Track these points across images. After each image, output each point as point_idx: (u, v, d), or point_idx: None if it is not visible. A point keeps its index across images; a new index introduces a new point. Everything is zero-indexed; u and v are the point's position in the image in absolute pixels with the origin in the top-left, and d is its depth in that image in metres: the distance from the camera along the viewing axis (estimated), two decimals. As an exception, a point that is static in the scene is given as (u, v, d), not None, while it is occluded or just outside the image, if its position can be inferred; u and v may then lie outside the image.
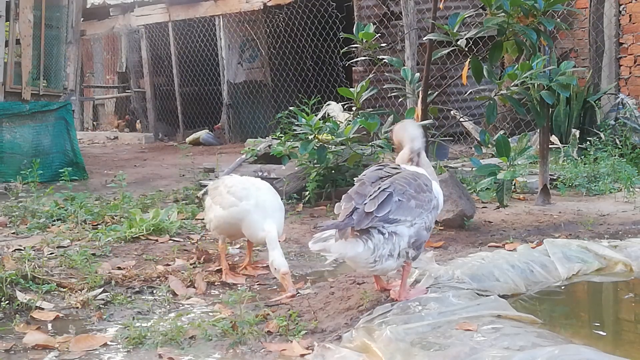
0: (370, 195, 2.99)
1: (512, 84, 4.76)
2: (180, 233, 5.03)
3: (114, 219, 5.37)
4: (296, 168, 6.24)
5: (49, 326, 3.27)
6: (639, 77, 9.05)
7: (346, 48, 5.98)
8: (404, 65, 5.59)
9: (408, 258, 3.08)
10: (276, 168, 6.53)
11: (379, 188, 3.01)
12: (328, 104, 8.59)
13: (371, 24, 5.37)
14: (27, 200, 5.83)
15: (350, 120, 5.85)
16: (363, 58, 6.17)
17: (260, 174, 6.63)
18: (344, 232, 2.93)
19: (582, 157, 7.37)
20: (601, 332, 3.06)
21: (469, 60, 4.84)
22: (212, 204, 4.08)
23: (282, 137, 6.46)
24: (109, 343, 3.03)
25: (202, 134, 13.04)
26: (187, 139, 13.03)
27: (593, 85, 8.79)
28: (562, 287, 3.62)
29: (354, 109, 5.68)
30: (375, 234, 2.97)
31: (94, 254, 4.35)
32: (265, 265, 4.29)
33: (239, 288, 3.67)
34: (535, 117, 5.15)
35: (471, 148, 8.72)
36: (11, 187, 6.98)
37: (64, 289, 3.70)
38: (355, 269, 3.17)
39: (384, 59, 5.29)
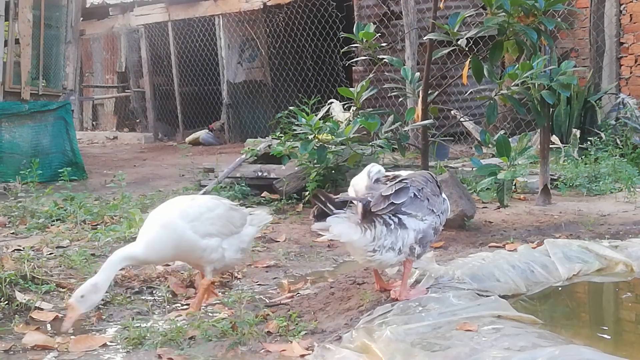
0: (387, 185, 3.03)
1: (513, 83, 4.75)
2: (179, 233, 5.01)
3: (113, 219, 5.36)
4: (296, 168, 6.23)
5: (49, 326, 3.26)
6: (640, 76, 9.05)
7: (346, 48, 5.96)
8: (404, 65, 5.57)
9: (413, 255, 3.09)
10: (276, 168, 6.52)
11: (397, 180, 3.06)
12: (331, 102, 8.57)
13: (371, 23, 5.35)
14: (26, 200, 5.82)
15: (350, 120, 5.84)
16: (363, 58, 6.15)
17: (260, 174, 6.62)
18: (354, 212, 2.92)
19: (583, 157, 7.36)
20: (602, 333, 3.05)
21: (469, 60, 4.83)
22: None
23: (282, 137, 6.44)
24: (108, 343, 3.02)
25: (202, 133, 13.03)
26: (187, 139, 13.02)
27: (594, 85, 8.79)
28: (563, 288, 3.61)
29: (353, 108, 5.66)
30: (378, 224, 2.97)
31: (93, 254, 4.34)
32: (265, 265, 4.29)
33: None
34: (536, 117, 5.14)
35: (471, 148, 8.71)
36: (10, 187, 6.96)
37: (64, 289, 3.69)
38: (353, 255, 3.15)
39: (384, 58, 5.28)
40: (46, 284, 3.67)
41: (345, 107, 6.85)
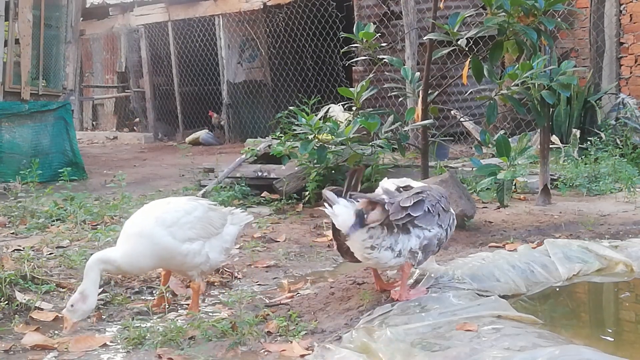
0: (403, 195, 3.11)
1: (513, 83, 4.74)
2: (179, 233, 5.01)
3: (113, 219, 5.36)
4: (296, 168, 6.22)
5: (48, 326, 3.26)
6: (640, 76, 9.05)
7: (346, 48, 5.95)
8: (404, 65, 5.57)
9: (413, 259, 3.12)
10: (276, 168, 6.52)
11: (413, 192, 3.14)
12: (329, 107, 8.56)
13: (371, 23, 5.35)
14: (26, 201, 5.82)
15: (350, 120, 5.84)
16: (363, 58, 6.15)
17: (260, 174, 6.62)
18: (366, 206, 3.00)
19: (583, 157, 7.36)
20: (602, 333, 3.05)
21: (469, 59, 4.83)
22: None
23: (282, 137, 6.44)
24: (108, 343, 3.02)
25: (202, 134, 13.02)
26: (187, 139, 13.01)
27: (594, 85, 8.78)
28: (563, 288, 3.61)
29: (354, 108, 5.66)
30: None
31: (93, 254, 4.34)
32: (265, 265, 4.29)
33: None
34: (536, 117, 5.14)
35: (471, 148, 8.70)
36: (10, 187, 6.96)
37: (64, 289, 3.69)
38: (353, 250, 3.16)
39: (384, 58, 5.28)
40: (46, 284, 3.67)
41: (345, 107, 6.86)
